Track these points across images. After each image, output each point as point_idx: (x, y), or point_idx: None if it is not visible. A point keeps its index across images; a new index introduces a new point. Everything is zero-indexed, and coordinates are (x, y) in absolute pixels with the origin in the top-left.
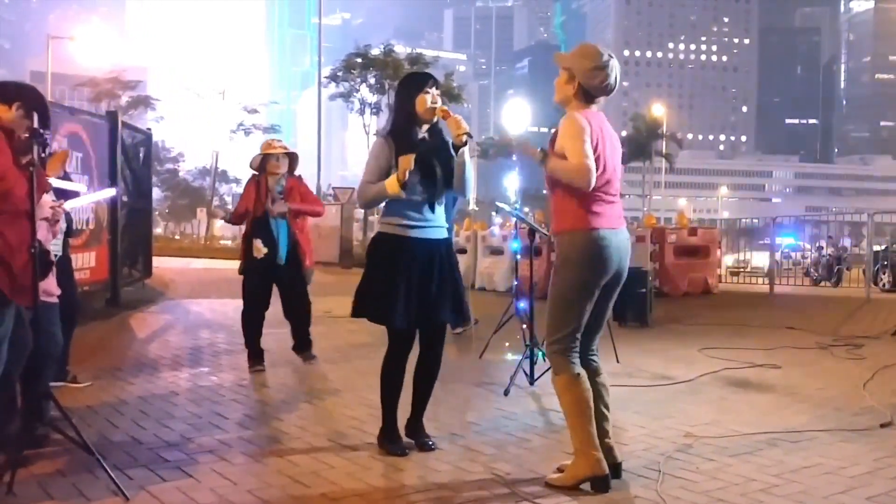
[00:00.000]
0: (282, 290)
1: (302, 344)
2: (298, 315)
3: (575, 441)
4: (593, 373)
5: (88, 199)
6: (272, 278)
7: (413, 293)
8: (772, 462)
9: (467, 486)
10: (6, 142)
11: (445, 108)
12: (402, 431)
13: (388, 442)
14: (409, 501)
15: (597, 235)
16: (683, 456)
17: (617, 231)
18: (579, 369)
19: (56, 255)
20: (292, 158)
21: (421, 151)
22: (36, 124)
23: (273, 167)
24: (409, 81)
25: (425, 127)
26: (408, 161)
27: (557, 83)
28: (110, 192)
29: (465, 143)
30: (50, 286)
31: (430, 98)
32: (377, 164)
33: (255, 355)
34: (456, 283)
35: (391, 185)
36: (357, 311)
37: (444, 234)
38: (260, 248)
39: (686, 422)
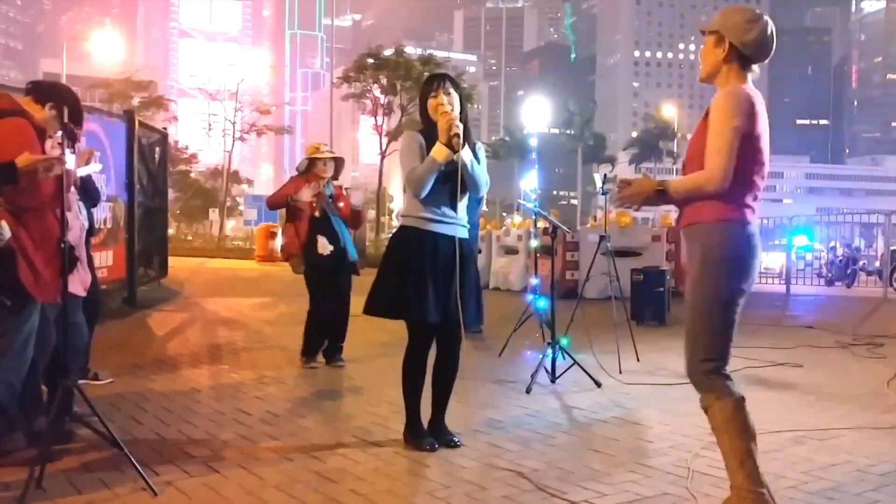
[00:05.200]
0: (333, 289)
1: (334, 349)
2: (343, 316)
3: (738, 478)
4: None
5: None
6: (338, 275)
7: (438, 288)
8: (800, 459)
9: (494, 482)
10: (38, 141)
11: (447, 112)
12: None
13: (414, 437)
14: (436, 497)
15: (750, 231)
16: (711, 453)
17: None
18: (741, 391)
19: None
20: (338, 163)
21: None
22: (66, 120)
23: (320, 171)
24: (422, 87)
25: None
26: (447, 121)
27: (704, 53)
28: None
29: (461, 147)
30: (82, 280)
31: (435, 102)
32: (414, 151)
33: (314, 351)
34: (477, 282)
35: (438, 151)
36: (373, 309)
37: (465, 232)
38: (326, 245)
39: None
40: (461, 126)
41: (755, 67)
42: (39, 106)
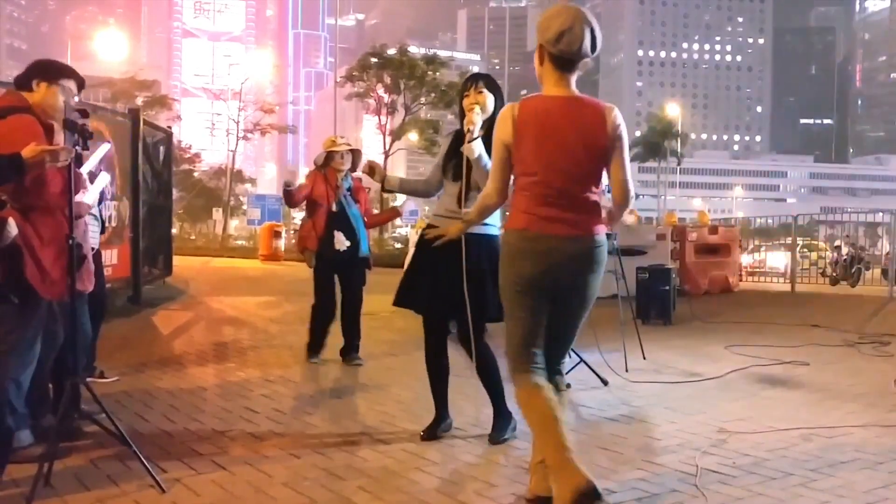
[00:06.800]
0: (345, 286)
1: (352, 347)
2: (354, 312)
3: (548, 457)
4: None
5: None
6: (347, 271)
7: (426, 280)
8: (808, 457)
9: (502, 479)
10: (46, 138)
11: (474, 107)
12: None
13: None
14: (444, 494)
15: (518, 234)
16: (719, 451)
17: (550, 235)
18: (538, 379)
19: (93, 248)
20: (355, 155)
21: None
22: (67, 113)
23: (337, 164)
24: (461, 86)
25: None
26: (469, 117)
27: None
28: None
29: (472, 140)
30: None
31: (465, 102)
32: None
33: (318, 348)
34: (481, 278)
35: (466, 148)
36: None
37: (484, 229)
38: (343, 241)
39: (718, 417)
40: (476, 123)
41: (580, 65)
42: (46, 84)
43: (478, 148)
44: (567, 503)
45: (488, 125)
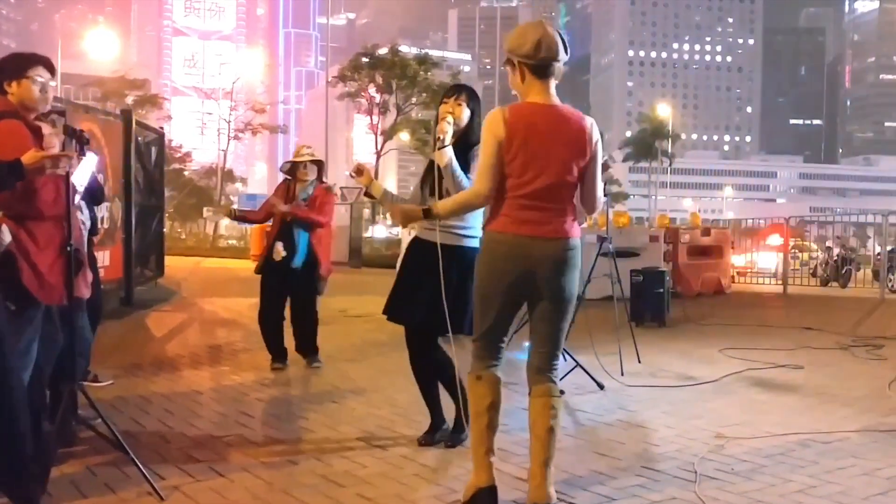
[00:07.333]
0: (291, 296)
1: (306, 349)
2: (302, 323)
3: (471, 446)
4: (542, 392)
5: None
6: (288, 281)
7: (416, 290)
8: (806, 462)
9: (501, 486)
10: (34, 142)
11: (446, 116)
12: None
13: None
14: (443, 502)
15: (497, 236)
16: (717, 457)
17: (528, 237)
18: (482, 372)
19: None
20: (320, 166)
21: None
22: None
23: (301, 174)
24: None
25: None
26: (441, 126)
27: (510, 82)
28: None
29: (442, 147)
30: (86, 280)
31: (444, 107)
32: None
33: (274, 354)
34: (460, 290)
35: (437, 155)
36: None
37: (460, 240)
38: (280, 251)
39: (716, 422)
40: (447, 132)
41: (555, 70)
42: (16, 82)
43: (448, 154)
44: (465, 497)
45: (457, 137)
